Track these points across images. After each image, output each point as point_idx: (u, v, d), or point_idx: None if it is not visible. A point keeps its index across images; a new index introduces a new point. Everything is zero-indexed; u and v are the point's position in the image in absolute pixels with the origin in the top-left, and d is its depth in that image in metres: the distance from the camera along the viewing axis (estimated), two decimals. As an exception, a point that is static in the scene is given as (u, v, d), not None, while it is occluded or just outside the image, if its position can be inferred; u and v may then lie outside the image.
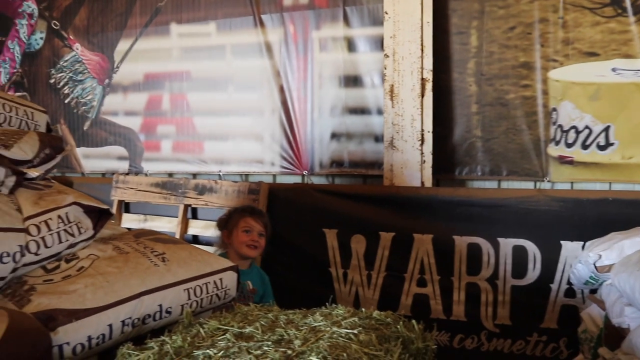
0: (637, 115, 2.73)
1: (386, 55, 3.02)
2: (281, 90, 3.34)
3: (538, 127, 2.92)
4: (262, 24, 3.36)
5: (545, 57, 2.88)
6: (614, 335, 2.11)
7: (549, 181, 2.92)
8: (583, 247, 2.65)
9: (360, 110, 3.21)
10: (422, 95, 2.96)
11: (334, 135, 3.26)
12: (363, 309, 1.47)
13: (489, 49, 2.98)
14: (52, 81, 3.96)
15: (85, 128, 3.90)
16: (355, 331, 1.25)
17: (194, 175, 3.60)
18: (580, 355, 2.45)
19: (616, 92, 2.76)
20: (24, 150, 1.77)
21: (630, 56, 2.75)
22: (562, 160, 2.89)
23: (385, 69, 3.02)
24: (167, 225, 3.38)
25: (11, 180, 1.65)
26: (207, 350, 1.22)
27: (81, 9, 3.85)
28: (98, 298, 1.48)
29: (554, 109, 2.88)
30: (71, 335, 1.40)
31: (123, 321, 1.51)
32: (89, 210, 1.76)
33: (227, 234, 2.61)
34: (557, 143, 2.89)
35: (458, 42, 3.03)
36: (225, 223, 2.64)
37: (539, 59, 2.89)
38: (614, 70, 2.77)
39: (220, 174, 3.52)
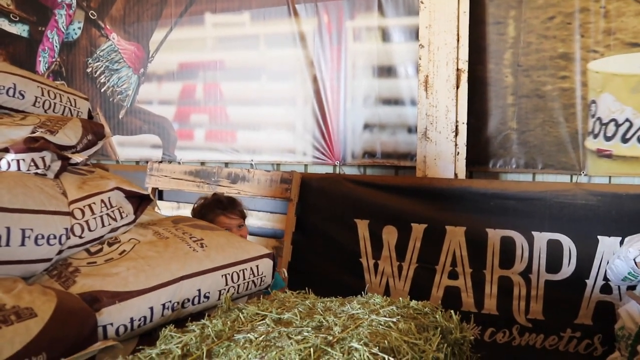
0: (679, 108, 2.66)
1: (421, 46, 2.99)
2: (314, 80, 3.34)
3: (576, 119, 2.86)
4: (296, 13, 3.36)
5: (585, 47, 2.81)
6: (653, 332, 2.07)
7: (585, 175, 2.87)
8: (621, 242, 2.60)
9: (393, 101, 3.19)
10: (457, 87, 2.93)
11: (367, 126, 3.26)
12: (400, 299, 1.47)
13: (526, 40, 2.93)
14: (89, 70, 4.04)
15: (120, 116, 3.97)
16: (394, 319, 1.25)
17: (226, 164, 3.64)
18: (616, 353, 2.41)
19: (659, 84, 2.70)
20: (68, 136, 1.81)
21: (674, 47, 2.67)
22: (601, 153, 2.83)
23: (420, 59, 3.00)
24: (200, 213, 3.42)
25: (57, 165, 1.69)
26: (248, 335, 1.24)
27: (117, 0, 3.91)
28: (140, 281, 1.51)
29: (593, 101, 2.82)
30: (114, 316, 1.43)
31: (164, 304, 1.53)
32: (130, 196, 1.79)
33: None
34: (596, 136, 2.83)
35: (495, 32, 2.99)
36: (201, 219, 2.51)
37: (578, 49, 2.83)
38: (657, 62, 2.70)
39: (253, 162, 3.55)
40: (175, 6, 3.73)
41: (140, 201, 1.82)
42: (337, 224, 3.11)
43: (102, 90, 4.01)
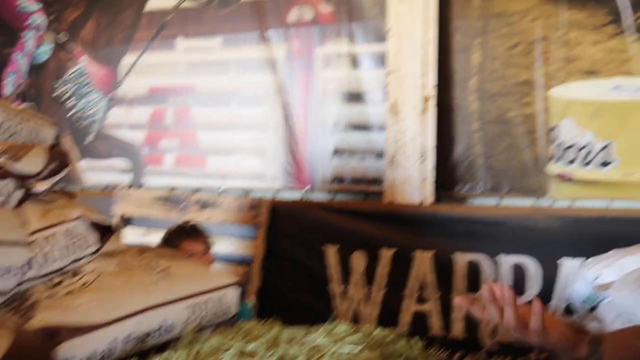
0: (637, 133, 2.75)
1: (389, 72, 3.05)
2: (284, 105, 3.37)
3: (538, 144, 2.94)
4: (266, 39, 3.40)
5: (547, 75, 2.90)
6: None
7: (549, 199, 2.93)
8: (582, 265, 2.66)
9: (362, 127, 3.24)
10: (425, 112, 2.98)
11: (336, 152, 3.28)
12: (365, 327, 1.48)
13: (491, 67, 3.01)
14: (57, 93, 3.99)
15: (88, 141, 3.92)
16: (358, 348, 1.26)
17: (196, 190, 3.62)
18: (580, 374, 2.45)
19: (617, 109, 2.79)
20: (31, 163, 1.78)
21: (631, 74, 2.77)
22: (563, 177, 2.90)
23: (388, 85, 3.05)
24: (169, 239, 3.39)
25: (18, 194, 1.67)
26: (210, 368, 1.23)
27: (89, 22, 3.89)
28: (102, 313, 1.49)
29: (555, 127, 2.90)
30: (75, 350, 1.40)
31: (127, 336, 1.51)
32: (94, 225, 1.77)
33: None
34: (558, 161, 2.91)
35: (461, 59, 3.06)
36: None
37: (540, 76, 2.91)
38: (614, 88, 2.80)
39: (223, 188, 3.53)
40: (146, 30, 3.73)
41: (104, 230, 1.80)
42: (306, 249, 3.11)
43: (70, 114, 3.96)
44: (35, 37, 4.02)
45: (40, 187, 1.75)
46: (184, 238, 2.48)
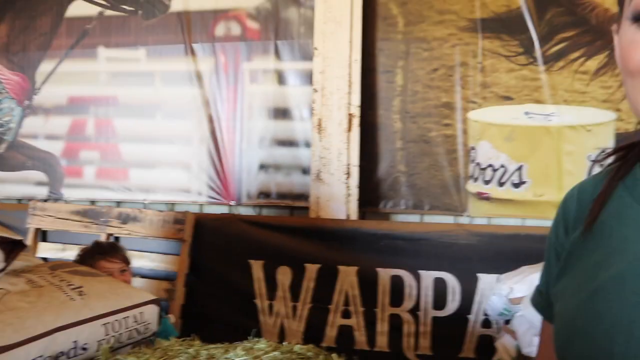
0: (546, 156, 2.93)
1: (315, 90, 3.09)
2: (210, 119, 3.33)
3: (458, 164, 3.06)
4: (193, 52, 3.35)
5: (465, 98, 3.04)
6: (524, 364, 2.22)
7: (468, 216, 3.06)
8: (497, 280, 2.79)
9: (288, 143, 3.25)
10: (349, 130, 3.04)
11: (262, 167, 3.28)
12: (285, 343, 1.47)
13: (413, 88, 3.12)
14: (-35, 100, 3.75)
15: (1, 151, 3.69)
16: (276, 366, 1.25)
17: (118, 204, 3.49)
18: (495, 385, 2.55)
19: (528, 134, 2.96)
20: None
21: (541, 102, 2.95)
22: (480, 196, 3.03)
23: (314, 103, 3.09)
24: (87, 254, 3.24)
25: None
26: (123, 390, 1.18)
27: (1, 26, 3.68)
28: (6, 336, 1.40)
29: (473, 148, 3.04)
30: (-26, 375, 1.31)
31: (36, 359, 1.43)
32: (0, 241, 1.67)
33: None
34: (476, 180, 3.04)
35: (384, 80, 3.15)
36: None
37: (459, 99, 3.05)
38: (526, 114, 2.97)
39: (145, 202, 3.43)
40: (66, 37, 3.57)
41: (12, 247, 1.70)
42: (231, 265, 3.07)
43: (-20, 122, 3.72)
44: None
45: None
46: (99, 257, 2.37)
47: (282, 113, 3.26)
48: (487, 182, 3.02)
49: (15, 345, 1.39)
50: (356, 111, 3.05)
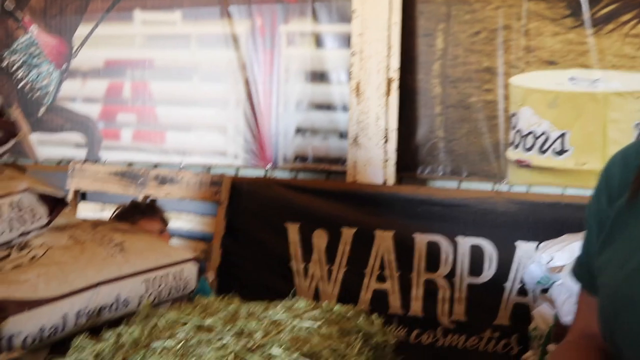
0: (590, 124, 2.82)
1: (353, 53, 3.03)
2: (246, 82, 3.30)
3: (498, 130, 2.98)
4: (229, 15, 3.31)
5: (508, 63, 2.94)
6: (562, 333, 2.18)
7: (506, 183, 2.99)
8: (537, 248, 2.74)
9: (325, 106, 3.21)
10: (388, 94, 2.98)
11: (299, 130, 3.26)
12: (324, 303, 1.47)
13: (454, 52, 3.02)
14: (4, 64, 3.80)
15: (40, 114, 3.76)
16: (317, 324, 1.25)
17: (155, 166, 3.53)
18: (530, 352, 2.53)
19: (573, 100, 2.84)
20: (-25, 132, 1.70)
21: (587, 67, 2.83)
22: (520, 164, 2.96)
23: (352, 66, 3.03)
24: (125, 216, 3.31)
25: (-39, 164, 1.58)
26: (166, 342, 1.20)
27: (38, -10, 3.71)
28: (51, 288, 1.43)
29: (514, 114, 2.95)
30: (22, 325, 1.35)
31: (78, 312, 1.46)
32: (43, 198, 1.70)
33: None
34: (516, 147, 2.96)
35: (424, 43, 3.07)
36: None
37: (501, 64, 2.95)
38: (571, 79, 2.85)
39: (182, 165, 3.46)
40: (102, 0, 3.58)
41: (55, 203, 1.73)
42: (267, 227, 3.09)
43: (20, 85, 3.78)
44: (-20, 4, 3.80)
45: (-14, 156, 1.66)
46: (139, 217, 2.39)
47: (319, 76, 3.21)
48: (527, 150, 2.94)
49: (60, 298, 1.42)
50: (395, 75, 2.98)
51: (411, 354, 2.91)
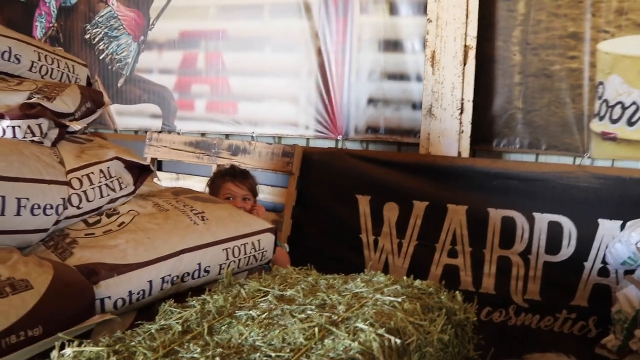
0: (687, 94, 2.62)
1: (429, 20, 2.92)
2: (319, 52, 3.27)
3: (582, 100, 2.82)
4: (301, -17, 3.27)
5: (596, 27, 2.75)
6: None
7: (589, 157, 2.84)
8: (622, 226, 2.59)
9: (399, 76, 3.14)
10: (464, 63, 2.87)
11: (371, 101, 3.20)
12: (405, 278, 1.45)
13: (536, 17, 2.86)
14: (87, 36, 3.95)
15: (119, 85, 3.90)
16: (399, 299, 1.23)
17: (227, 136, 3.60)
18: (611, 336, 2.42)
19: (669, 69, 2.65)
20: (66, 103, 1.76)
21: (688, 31, 2.61)
22: (605, 136, 2.79)
23: (428, 34, 2.93)
24: (199, 184, 3.39)
25: (54, 133, 1.65)
26: (250, 312, 1.22)
27: (117, -36, 3.80)
28: (139, 254, 1.48)
29: (601, 83, 2.77)
30: (112, 289, 1.41)
31: (163, 278, 1.51)
32: (129, 166, 1.76)
33: None
34: (601, 118, 2.79)
35: (504, 8, 2.92)
36: (211, 187, 2.54)
37: (588, 29, 2.76)
38: (669, 44, 2.65)
39: (254, 135, 3.50)
40: (177, -28, 3.63)
41: (140, 172, 1.79)
42: (338, 199, 3.09)
43: (101, 57, 3.92)
44: (64, -21, 3.95)
45: (76, 126, 1.73)
46: (229, 178, 2.46)
47: (392, 45, 3.13)
48: (614, 121, 2.77)
49: (148, 263, 1.47)
50: (473, 43, 2.85)
51: (482, 331, 2.85)
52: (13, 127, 1.57)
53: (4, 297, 1.16)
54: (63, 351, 1.04)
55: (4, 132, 1.57)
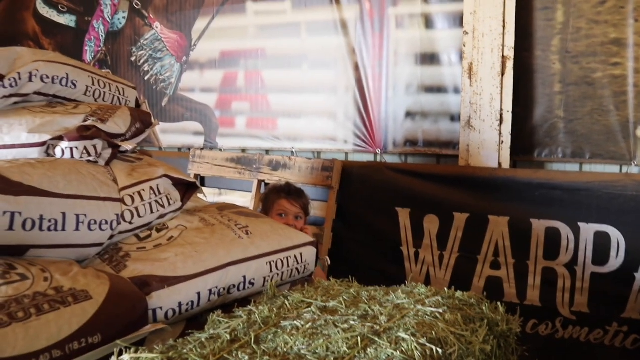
0: None
1: (465, 33, 2.93)
2: (356, 67, 3.32)
3: (627, 107, 2.76)
4: (337, 1, 3.34)
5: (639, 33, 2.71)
6: None
7: (636, 165, 2.77)
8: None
9: (436, 89, 3.15)
10: (502, 74, 2.86)
11: (409, 114, 3.22)
12: (446, 289, 1.46)
13: (576, 25, 2.83)
14: (133, 59, 4.12)
15: (163, 104, 4.04)
16: (440, 310, 1.24)
17: (267, 152, 3.67)
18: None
19: None
20: (118, 124, 1.86)
21: None
22: (653, 143, 2.73)
23: (464, 46, 2.94)
24: (240, 199, 3.48)
25: (107, 153, 1.74)
26: (294, 322, 1.25)
27: (159, -11, 3.96)
28: (188, 267, 1.55)
29: (646, 89, 2.72)
30: (163, 300, 1.47)
31: (210, 290, 1.57)
32: (177, 183, 1.83)
33: (264, 215, 2.50)
34: (648, 125, 2.73)
35: (542, 18, 2.90)
36: (264, 202, 2.56)
37: (632, 34, 2.72)
38: None
39: (294, 150, 3.57)
40: (217, -5, 3.76)
41: (186, 188, 1.86)
42: (377, 212, 3.11)
43: (146, 78, 4.08)
44: (111, 5, 4.14)
45: (127, 146, 1.82)
46: (284, 195, 2.48)
47: (429, 58, 3.15)
48: (662, 128, 2.71)
49: (196, 275, 1.53)
50: (510, 53, 2.85)
51: (528, 344, 2.81)
52: (71, 149, 1.67)
53: (67, 306, 1.23)
54: (121, 357, 1.10)
55: (63, 152, 1.67)
